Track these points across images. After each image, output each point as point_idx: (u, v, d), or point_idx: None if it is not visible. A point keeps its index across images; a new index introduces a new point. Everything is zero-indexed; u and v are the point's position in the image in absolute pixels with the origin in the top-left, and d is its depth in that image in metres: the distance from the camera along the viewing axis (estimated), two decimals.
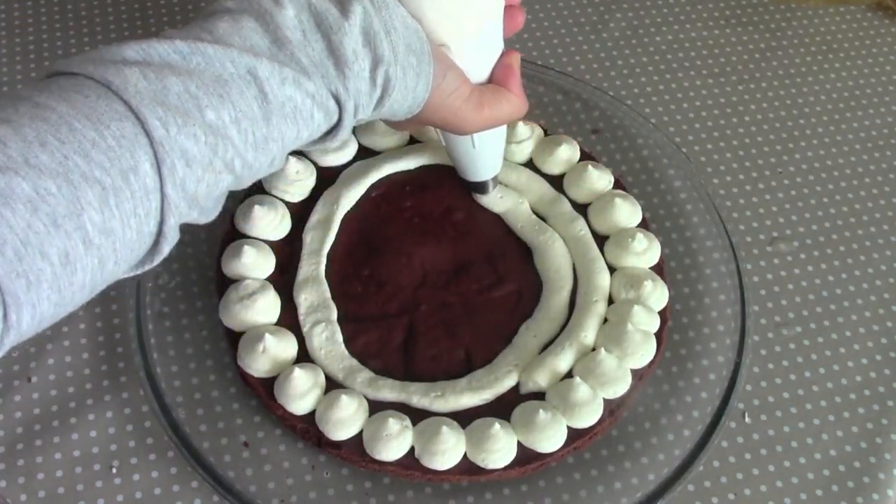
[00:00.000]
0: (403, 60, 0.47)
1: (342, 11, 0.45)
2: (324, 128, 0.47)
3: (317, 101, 0.45)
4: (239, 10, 0.45)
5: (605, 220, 0.65)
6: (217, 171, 0.42)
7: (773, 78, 0.79)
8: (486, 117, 0.54)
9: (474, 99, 0.53)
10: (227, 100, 0.41)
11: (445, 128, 0.56)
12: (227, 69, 0.42)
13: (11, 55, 0.78)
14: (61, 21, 0.80)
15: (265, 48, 0.43)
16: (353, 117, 0.47)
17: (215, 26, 0.44)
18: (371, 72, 0.46)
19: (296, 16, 0.44)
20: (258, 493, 0.56)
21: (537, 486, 0.58)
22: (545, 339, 0.61)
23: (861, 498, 0.58)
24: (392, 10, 0.47)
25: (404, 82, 0.48)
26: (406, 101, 0.49)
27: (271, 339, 0.58)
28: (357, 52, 0.45)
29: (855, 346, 0.65)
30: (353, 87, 0.46)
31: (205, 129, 0.41)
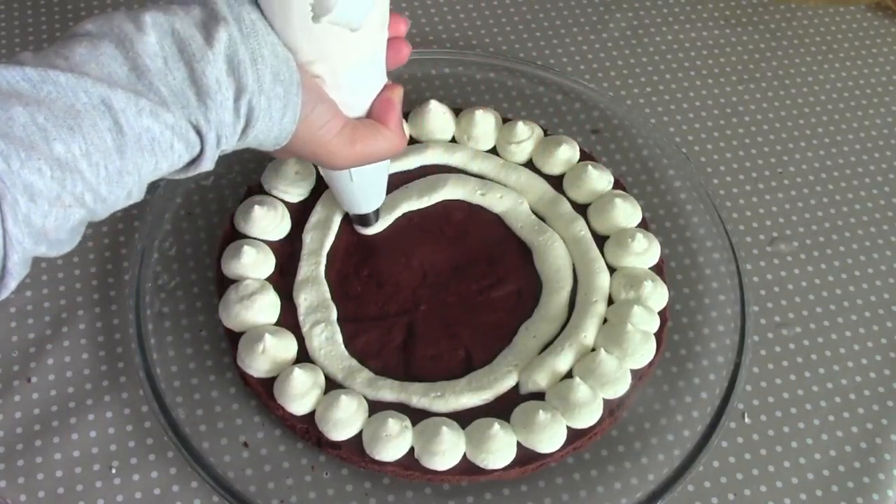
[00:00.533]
0: (269, 91, 0.45)
1: (206, 38, 0.43)
2: (185, 158, 0.45)
3: (176, 132, 0.43)
4: (99, 34, 0.42)
5: (604, 220, 0.65)
6: (66, 205, 0.40)
7: (773, 78, 0.79)
8: (358, 153, 0.51)
9: (346, 133, 0.50)
10: (77, 132, 0.39)
11: (316, 162, 0.54)
12: (80, 99, 0.40)
13: (12, 55, 0.78)
14: (61, 21, 0.80)
15: (123, 76, 0.42)
16: (216, 148, 0.45)
17: (72, 52, 0.41)
18: (234, 102, 0.44)
19: (158, 42, 0.42)
20: (258, 494, 0.56)
21: (537, 486, 0.58)
22: (545, 339, 0.61)
23: (861, 498, 0.58)
24: (262, 38, 0.45)
25: (269, 113, 0.46)
26: (272, 133, 0.47)
27: (271, 339, 0.58)
28: (220, 81, 0.43)
29: (855, 346, 0.64)
30: (216, 117, 0.44)
31: (51, 163, 0.39)
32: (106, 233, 0.67)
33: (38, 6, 0.81)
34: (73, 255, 0.65)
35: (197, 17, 0.44)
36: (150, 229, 0.65)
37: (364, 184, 0.60)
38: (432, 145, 0.69)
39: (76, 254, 0.66)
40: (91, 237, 0.66)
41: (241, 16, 0.45)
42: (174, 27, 0.43)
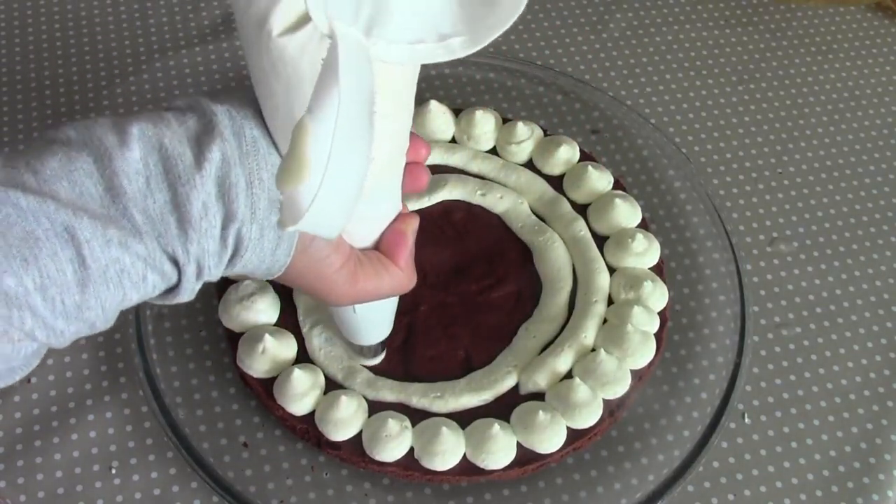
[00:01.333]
0: (263, 219, 0.40)
1: (197, 157, 0.39)
2: (160, 288, 0.40)
3: (149, 263, 0.38)
4: (79, 143, 0.38)
5: (604, 220, 0.65)
6: (15, 339, 0.36)
7: (773, 78, 0.79)
8: (360, 291, 0.46)
9: (348, 269, 0.45)
10: (32, 264, 0.35)
11: (313, 295, 0.47)
12: (41, 225, 0.36)
13: (11, 55, 0.78)
14: (61, 21, 0.80)
15: (97, 197, 0.37)
16: (196, 280, 0.41)
17: (44, 164, 0.37)
18: (222, 230, 0.39)
19: (142, 158, 0.38)
20: (258, 494, 0.56)
21: (537, 486, 0.58)
22: (545, 339, 0.61)
23: (861, 498, 0.58)
24: (263, 158, 0.40)
25: (260, 244, 0.41)
26: (264, 263, 0.42)
27: (271, 339, 0.58)
28: (208, 206, 0.39)
29: (855, 346, 0.64)
30: (197, 248, 0.39)
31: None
32: None
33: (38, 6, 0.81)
34: None
35: (191, 130, 0.40)
36: None
37: (368, 317, 0.54)
38: (432, 145, 0.69)
39: None
40: None
41: (241, 131, 0.40)
42: (163, 142, 0.39)
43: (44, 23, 0.80)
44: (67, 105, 0.75)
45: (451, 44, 0.39)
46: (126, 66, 0.77)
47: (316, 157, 0.36)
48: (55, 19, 0.80)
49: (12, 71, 0.77)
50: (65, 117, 0.74)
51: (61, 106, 0.75)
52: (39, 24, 0.80)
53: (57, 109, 0.74)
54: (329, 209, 0.38)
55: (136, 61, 0.78)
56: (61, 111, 0.74)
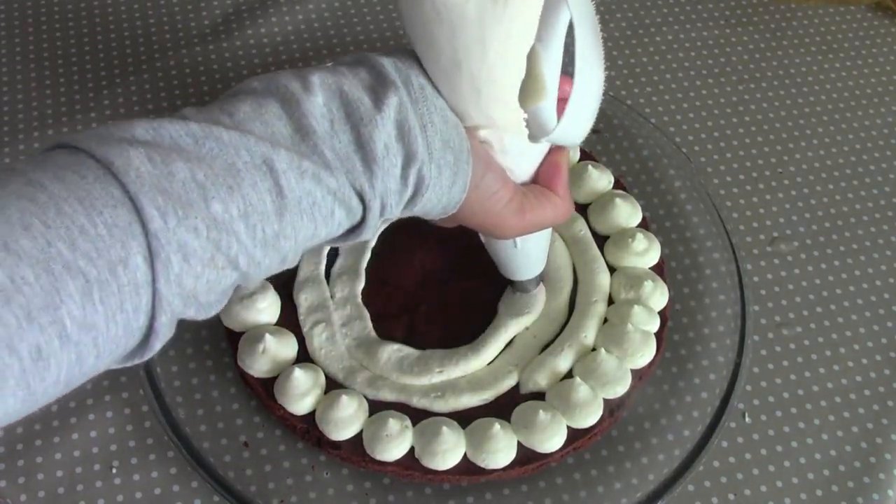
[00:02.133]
0: (439, 158, 0.43)
1: (375, 102, 0.42)
2: (345, 226, 0.43)
3: (338, 197, 0.41)
4: (265, 91, 0.42)
5: (605, 220, 0.65)
6: (219, 267, 0.39)
7: (773, 78, 0.79)
8: (528, 222, 0.50)
9: (515, 203, 0.49)
10: (237, 192, 0.38)
11: (483, 230, 0.52)
12: (241, 157, 0.39)
13: (11, 55, 0.78)
14: (61, 21, 0.80)
15: (287, 136, 0.40)
16: (379, 217, 0.43)
17: (236, 109, 0.40)
18: (403, 169, 0.42)
19: (325, 104, 0.41)
20: (258, 493, 0.56)
21: (537, 486, 0.58)
22: (545, 339, 0.61)
23: (861, 498, 0.58)
24: (431, 103, 0.44)
25: (439, 182, 0.44)
26: (441, 202, 0.45)
27: (271, 339, 0.58)
28: (389, 147, 0.42)
29: (855, 346, 0.64)
30: (381, 185, 0.42)
31: (208, 223, 0.37)
32: None
33: (38, 6, 0.81)
34: None
35: (365, 80, 0.43)
36: None
37: (528, 250, 0.57)
38: None
39: None
40: None
41: (409, 79, 0.43)
42: (342, 89, 0.42)
43: (44, 23, 0.80)
44: (68, 105, 0.75)
45: None
46: (126, 66, 0.77)
47: (551, 76, 0.44)
48: (55, 19, 0.80)
49: (12, 71, 0.77)
50: (65, 117, 0.74)
51: (61, 106, 0.75)
52: (39, 24, 0.80)
53: (57, 109, 0.74)
54: (579, 118, 0.46)
55: (137, 61, 0.78)
56: (61, 111, 0.74)
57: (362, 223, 0.43)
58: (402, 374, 0.59)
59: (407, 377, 0.59)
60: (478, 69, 0.44)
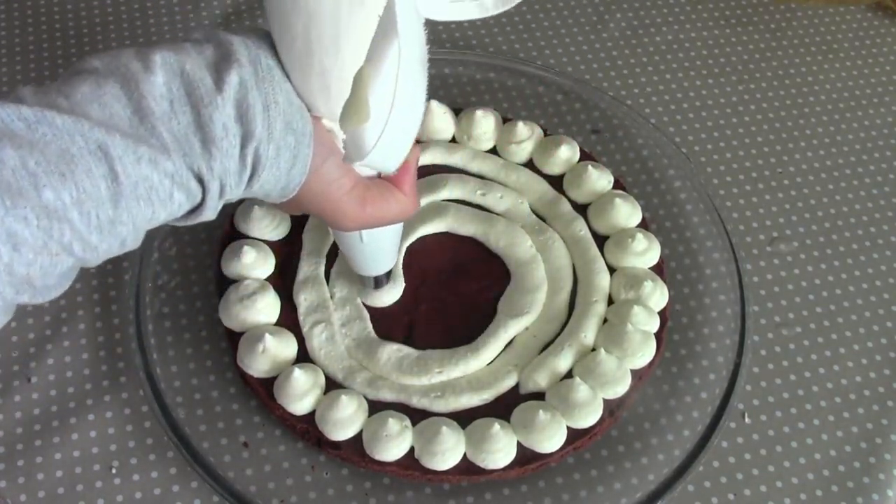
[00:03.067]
0: (279, 139, 0.43)
1: (216, 81, 0.41)
2: (185, 207, 0.42)
3: (176, 181, 0.41)
4: (105, 71, 0.40)
5: (605, 220, 0.65)
6: (53, 253, 0.38)
7: (773, 78, 0.79)
8: (369, 215, 0.49)
9: (357, 193, 0.48)
10: (69, 179, 0.37)
11: (323, 219, 0.51)
12: (76, 143, 0.38)
13: (11, 55, 0.78)
14: (61, 21, 0.80)
15: (126, 118, 0.40)
16: (219, 198, 0.43)
17: (74, 90, 0.39)
18: (241, 149, 0.42)
19: (165, 83, 0.40)
20: (258, 493, 0.56)
21: (537, 486, 0.58)
22: (545, 339, 0.61)
23: (861, 498, 0.58)
24: (277, 84, 0.43)
25: (276, 163, 0.44)
26: (279, 183, 0.45)
27: (271, 339, 0.58)
28: (227, 127, 0.41)
29: (855, 346, 0.64)
30: (220, 166, 0.42)
31: (38, 212, 0.36)
32: None
33: (38, 6, 0.81)
34: None
35: (209, 58, 0.42)
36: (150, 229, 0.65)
37: (374, 246, 0.57)
38: (432, 145, 0.69)
39: None
40: None
41: (258, 58, 0.43)
42: (184, 68, 0.41)
43: (44, 23, 0.80)
44: None
45: (485, 2, 0.45)
46: None
47: (375, 100, 0.42)
48: (55, 19, 0.80)
49: (12, 71, 0.77)
50: None
51: None
52: (39, 24, 0.80)
53: None
54: (394, 145, 0.45)
55: None
56: None
57: (202, 204, 0.43)
58: (401, 374, 0.59)
59: (407, 377, 0.59)
60: (330, 64, 0.43)
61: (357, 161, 0.44)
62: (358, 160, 0.44)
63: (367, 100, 0.43)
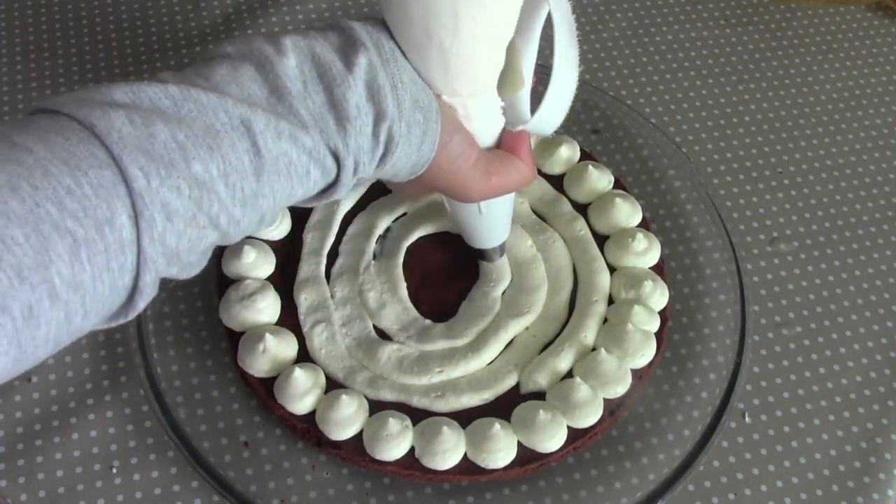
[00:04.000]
0: (409, 117, 0.45)
1: (346, 63, 0.43)
2: (320, 185, 0.44)
3: (313, 157, 0.42)
4: (239, 56, 0.43)
5: (605, 220, 0.65)
6: (201, 226, 0.39)
7: (773, 78, 0.79)
8: (494, 185, 0.51)
9: (482, 165, 0.50)
10: (216, 152, 0.39)
11: (450, 193, 0.53)
12: (219, 119, 0.40)
13: (11, 55, 0.78)
14: (61, 21, 0.80)
15: (263, 98, 0.41)
16: (353, 175, 0.45)
17: (212, 72, 0.41)
18: (374, 127, 0.44)
19: (297, 66, 0.42)
20: (258, 493, 0.56)
21: (537, 486, 0.58)
22: (545, 339, 0.61)
23: (861, 498, 0.58)
24: (401, 64, 0.45)
25: (408, 140, 0.45)
26: (410, 160, 0.46)
27: (271, 339, 0.58)
28: (360, 106, 0.43)
29: (855, 346, 0.65)
30: (354, 143, 0.43)
31: (189, 182, 0.38)
32: None
33: (38, 6, 0.81)
34: None
35: (335, 42, 0.44)
36: None
37: (492, 217, 0.58)
38: None
39: None
40: None
41: (380, 42, 0.44)
42: (314, 51, 0.43)
43: (44, 23, 0.80)
44: None
45: None
46: (126, 65, 0.77)
47: (527, 68, 0.47)
48: (55, 19, 0.80)
49: (13, 71, 0.77)
50: None
51: None
52: (39, 24, 0.80)
53: None
54: (554, 109, 0.50)
55: (137, 61, 0.78)
56: None
57: (336, 182, 0.44)
58: (402, 373, 0.59)
59: (407, 377, 0.59)
60: (449, 43, 0.45)
61: (518, 126, 0.47)
62: (520, 124, 0.47)
63: (522, 69, 0.47)
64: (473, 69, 0.46)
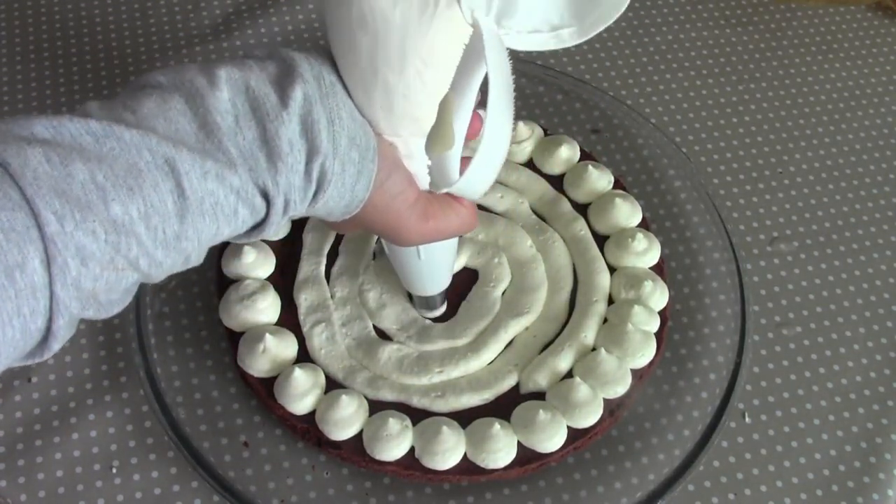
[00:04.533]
0: (344, 155, 0.43)
1: (282, 97, 0.41)
2: (249, 223, 0.42)
3: (241, 196, 0.40)
4: (171, 86, 0.41)
5: (605, 220, 0.65)
6: (119, 268, 0.38)
7: (773, 78, 0.79)
8: (432, 229, 0.49)
9: (420, 207, 0.47)
10: (137, 193, 0.37)
11: (386, 234, 0.50)
12: (143, 158, 0.38)
13: (11, 55, 0.78)
14: (61, 21, 0.80)
15: (192, 133, 0.40)
16: (283, 214, 0.43)
17: (140, 105, 0.40)
18: (306, 165, 0.42)
19: (230, 99, 0.41)
20: (258, 493, 0.56)
21: (537, 486, 0.58)
22: (545, 339, 0.61)
23: (861, 498, 0.58)
24: (340, 100, 0.43)
25: (342, 178, 0.43)
26: (343, 199, 0.44)
27: (271, 339, 0.58)
28: (293, 142, 0.41)
29: (855, 346, 0.65)
30: (285, 181, 0.41)
31: (106, 226, 0.37)
32: None
33: (38, 6, 0.81)
34: None
35: (272, 74, 0.42)
36: None
37: (432, 264, 0.57)
38: None
39: None
40: None
41: (321, 74, 0.43)
42: (248, 84, 0.41)
43: (44, 23, 0.80)
44: (68, 105, 0.75)
45: (562, 34, 0.45)
46: (126, 65, 0.77)
47: (459, 128, 0.45)
48: (55, 19, 0.80)
49: (13, 71, 0.77)
50: None
51: (62, 106, 0.75)
52: (40, 24, 0.80)
53: (57, 110, 0.74)
54: (482, 174, 0.47)
55: (137, 61, 0.78)
56: (62, 111, 0.74)
57: (266, 220, 0.43)
58: (402, 373, 0.59)
59: (407, 377, 0.59)
60: (394, 82, 0.43)
61: (443, 188, 0.45)
62: (445, 187, 0.45)
63: (453, 127, 0.44)
64: (417, 111, 0.44)
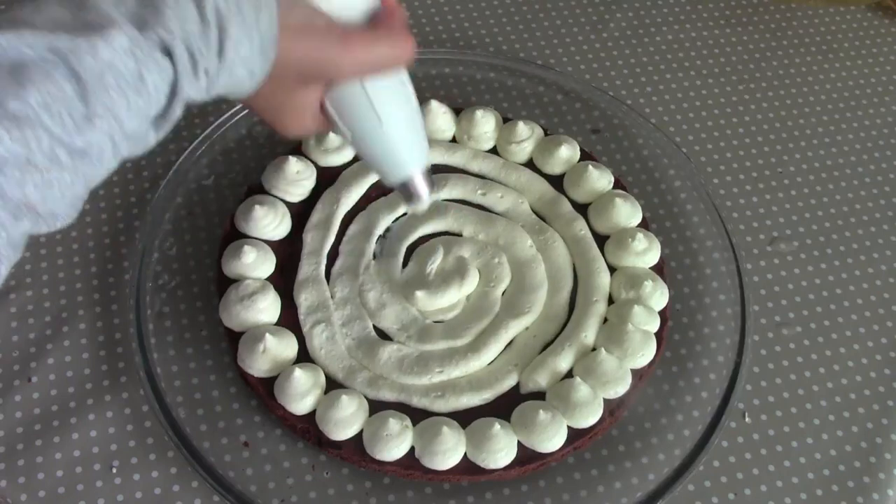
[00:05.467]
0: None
1: None
2: (163, 89, 0.40)
3: (137, 57, 0.38)
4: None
5: (605, 220, 0.65)
6: (41, 168, 0.36)
7: (773, 78, 0.79)
8: (361, 57, 0.46)
9: (336, 33, 0.45)
10: (30, 86, 0.36)
11: (319, 71, 0.46)
12: (25, 54, 0.36)
13: None
14: None
15: (68, 14, 0.38)
16: (193, 70, 0.40)
17: (14, 15, 0.38)
18: (198, 8, 0.39)
19: None
20: (258, 493, 0.56)
21: (537, 486, 0.58)
22: (545, 339, 0.61)
23: (861, 498, 0.58)
24: None
25: (241, 16, 0.41)
26: (254, 41, 0.42)
27: (271, 339, 0.58)
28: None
29: (855, 346, 0.65)
30: (179, 28, 0.39)
31: (8, 124, 0.35)
32: (106, 233, 0.67)
33: None
34: (73, 254, 0.65)
35: None
36: (151, 229, 0.65)
37: (398, 126, 0.49)
38: (433, 145, 0.69)
39: (76, 254, 0.66)
40: (91, 237, 0.66)
41: None
42: None
43: None
44: None
45: None
46: None
47: None
48: None
49: None
50: None
51: None
52: None
53: None
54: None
55: None
56: None
57: (177, 80, 0.40)
58: (402, 373, 0.59)
59: (407, 377, 0.59)
60: None
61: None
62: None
63: None
64: None
